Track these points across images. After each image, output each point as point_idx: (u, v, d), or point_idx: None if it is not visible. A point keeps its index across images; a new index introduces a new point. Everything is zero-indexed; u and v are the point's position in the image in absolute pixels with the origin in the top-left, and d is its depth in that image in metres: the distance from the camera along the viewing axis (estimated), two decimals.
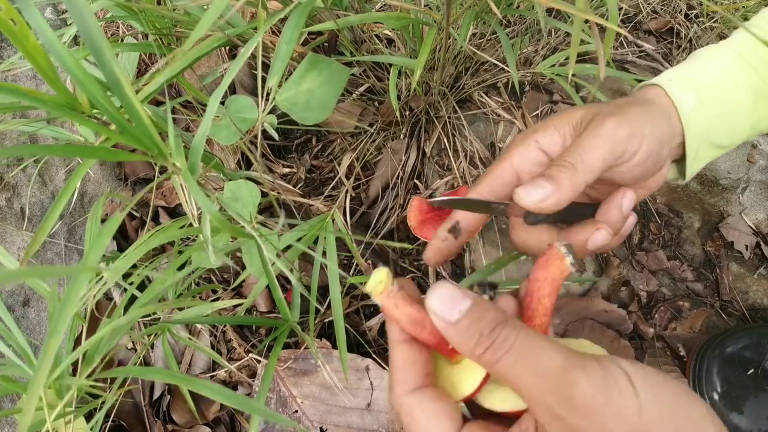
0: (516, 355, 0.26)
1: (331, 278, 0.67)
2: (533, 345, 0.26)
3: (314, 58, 0.63)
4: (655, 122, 0.40)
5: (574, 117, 0.39)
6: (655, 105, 0.43)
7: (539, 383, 0.25)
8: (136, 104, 0.33)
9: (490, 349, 0.26)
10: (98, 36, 0.29)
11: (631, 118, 0.37)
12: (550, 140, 0.39)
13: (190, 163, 0.39)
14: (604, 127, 0.36)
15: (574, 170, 0.35)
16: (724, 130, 0.46)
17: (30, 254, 0.39)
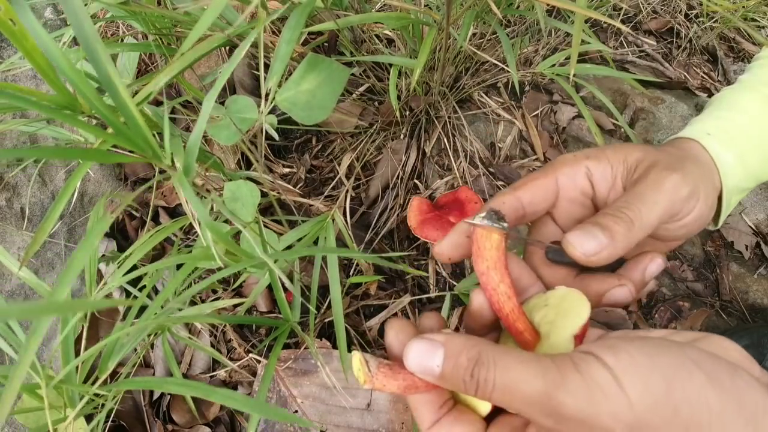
0: (501, 392, 0.26)
1: (331, 278, 0.67)
2: (511, 378, 0.26)
3: (314, 58, 0.63)
4: (708, 184, 0.39)
5: (630, 158, 0.37)
6: (702, 164, 0.42)
7: (530, 409, 0.26)
8: (130, 105, 0.33)
9: (479, 391, 0.27)
10: (93, 37, 0.29)
11: (692, 177, 0.36)
12: (601, 174, 0.37)
13: (185, 164, 0.39)
14: (667, 183, 0.34)
15: (632, 225, 0.33)
16: (758, 176, 0.46)
17: (30, 254, 0.39)
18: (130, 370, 0.70)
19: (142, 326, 0.47)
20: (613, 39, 1.20)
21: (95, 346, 0.45)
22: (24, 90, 0.38)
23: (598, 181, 0.37)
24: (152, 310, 0.53)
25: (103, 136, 0.35)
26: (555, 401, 0.25)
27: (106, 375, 0.46)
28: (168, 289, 0.54)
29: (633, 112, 1.06)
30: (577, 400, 0.24)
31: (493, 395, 0.27)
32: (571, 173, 0.37)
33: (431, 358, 0.28)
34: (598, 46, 0.84)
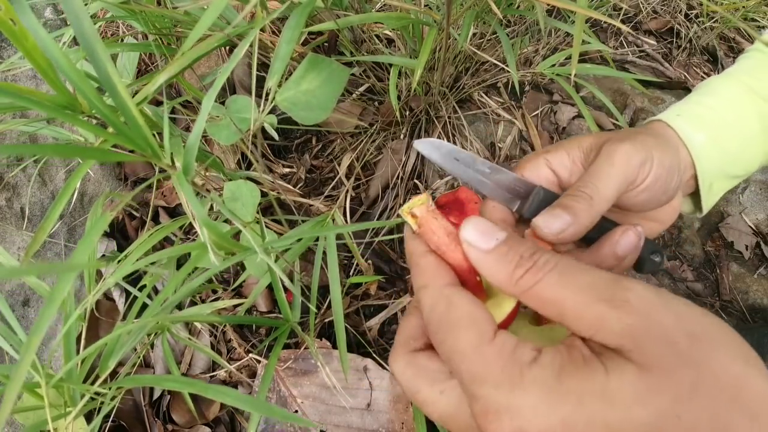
0: (561, 271, 0.24)
1: (332, 278, 0.67)
2: (578, 266, 0.24)
3: (314, 58, 0.63)
4: (664, 151, 0.40)
5: (584, 143, 0.39)
6: (664, 137, 0.43)
7: (586, 295, 0.23)
8: (129, 105, 0.33)
9: (531, 271, 0.24)
10: (93, 37, 0.29)
11: (642, 145, 0.38)
12: (559, 162, 0.39)
13: (185, 163, 0.39)
14: (618, 154, 0.36)
15: (591, 201, 0.34)
16: (738, 161, 0.46)
17: (30, 254, 0.39)
18: (130, 370, 0.70)
19: (143, 324, 0.47)
20: (613, 39, 1.20)
21: (96, 344, 0.45)
22: (24, 90, 0.38)
23: (557, 168, 0.39)
24: (152, 309, 0.53)
25: (104, 136, 0.35)
26: (625, 283, 0.23)
27: (106, 374, 0.46)
28: (168, 287, 0.54)
29: (633, 112, 1.06)
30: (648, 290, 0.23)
31: (548, 276, 0.24)
32: (533, 167, 0.39)
33: (493, 233, 0.27)
34: (598, 46, 0.84)
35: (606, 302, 0.22)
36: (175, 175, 0.37)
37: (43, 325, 0.30)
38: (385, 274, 0.92)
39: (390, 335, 0.89)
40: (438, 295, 0.27)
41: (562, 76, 0.86)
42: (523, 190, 0.38)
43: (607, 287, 0.23)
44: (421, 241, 0.30)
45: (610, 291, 0.23)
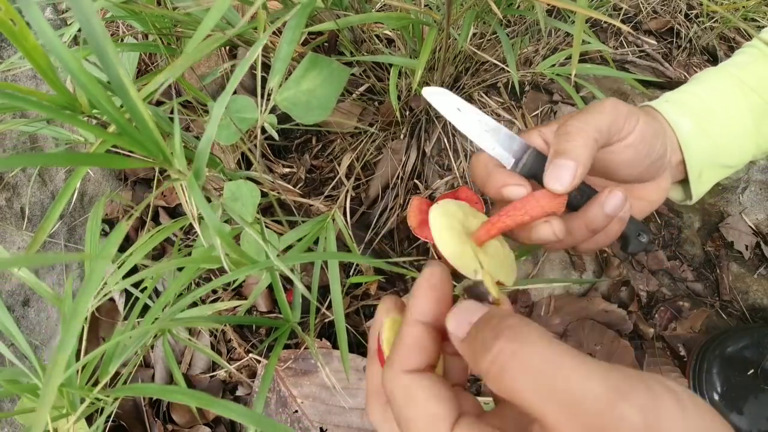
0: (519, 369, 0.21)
1: (332, 279, 0.67)
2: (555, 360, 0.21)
3: (314, 58, 0.63)
4: (651, 119, 0.41)
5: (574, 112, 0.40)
6: (651, 116, 0.43)
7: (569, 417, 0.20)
8: (140, 107, 0.33)
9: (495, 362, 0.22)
10: (103, 37, 0.29)
11: (629, 105, 0.39)
12: (549, 131, 0.40)
13: (195, 168, 0.39)
14: (606, 102, 0.37)
15: (583, 130, 0.35)
16: (728, 152, 0.46)
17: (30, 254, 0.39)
18: (131, 371, 0.70)
19: (144, 330, 0.46)
20: (613, 39, 1.20)
21: (96, 350, 0.45)
22: (24, 90, 0.38)
23: (549, 137, 0.39)
24: (153, 312, 0.53)
25: (105, 136, 0.35)
26: (616, 412, 0.19)
27: (107, 378, 0.46)
28: (169, 291, 0.54)
29: None
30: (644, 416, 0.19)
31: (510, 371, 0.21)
32: (526, 137, 0.40)
33: (465, 319, 0.25)
34: (599, 46, 0.84)
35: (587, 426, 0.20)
36: (188, 181, 0.37)
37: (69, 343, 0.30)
38: (385, 274, 0.92)
39: None
40: (397, 382, 0.26)
41: (562, 76, 0.86)
42: (518, 149, 0.39)
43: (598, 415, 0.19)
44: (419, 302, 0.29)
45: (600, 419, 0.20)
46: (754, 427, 0.76)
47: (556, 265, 0.92)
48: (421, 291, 0.29)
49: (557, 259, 0.92)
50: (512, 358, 0.21)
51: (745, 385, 0.77)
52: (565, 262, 0.92)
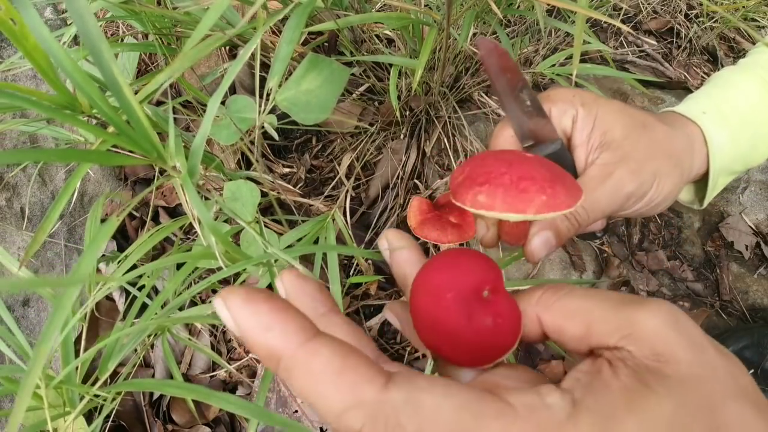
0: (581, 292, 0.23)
1: (331, 278, 0.67)
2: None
3: (314, 58, 0.63)
4: (670, 173, 0.39)
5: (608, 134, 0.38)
6: (682, 144, 0.43)
7: (612, 301, 0.21)
8: (135, 106, 0.33)
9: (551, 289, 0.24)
10: (98, 37, 0.29)
11: (647, 167, 0.37)
12: (582, 126, 0.39)
13: (190, 166, 0.39)
14: (612, 179, 0.36)
15: (577, 225, 0.36)
16: (745, 158, 0.47)
17: (30, 254, 0.39)
18: (130, 371, 0.70)
19: (143, 327, 0.46)
20: (613, 39, 1.20)
21: (95, 347, 0.45)
22: (24, 90, 0.38)
23: (578, 129, 0.39)
24: (152, 309, 0.53)
25: (104, 136, 0.35)
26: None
27: (106, 376, 0.46)
28: (168, 288, 0.54)
29: None
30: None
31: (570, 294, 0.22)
32: (563, 109, 0.39)
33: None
34: (599, 46, 0.84)
35: (632, 304, 0.21)
36: (182, 179, 0.37)
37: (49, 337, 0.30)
38: (385, 274, 0.92)
39: (390, 335, 0.89)
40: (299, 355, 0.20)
41: (563, 76, 0.86)
42: (543, 135, 0.38)
43: (627, 297, 0.22)
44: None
45: (630, 298, 0.21)
46: None
47: (556, 265, 0.92)
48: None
49: (557, 260, 0.92)
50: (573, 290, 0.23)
51: None
52: (565, 263, 0.92)
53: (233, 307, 0.18)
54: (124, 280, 0.47)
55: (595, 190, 0.36)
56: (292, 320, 0.18)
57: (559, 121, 0.39)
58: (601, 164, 0.37)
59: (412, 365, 0.86)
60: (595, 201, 0.36)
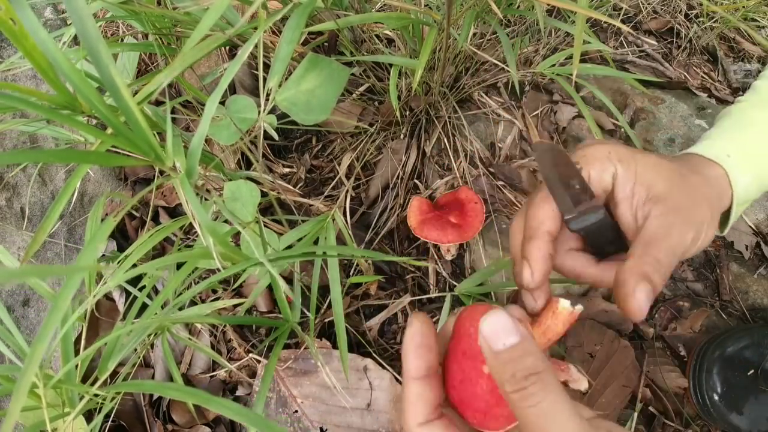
0: (538, 415, 0.27)
1: (332, 278, 0.67)
2: (556, 415, 0.27)
3: (314, 58, 0.63)
4: (714, 213, 0.41)
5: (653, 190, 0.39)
6: (713, 188, 0.44)
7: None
8: (132, 107, 0.33)
9: (518, 394, 0.28)
10: (96, 38, 0.29)
11: (696, 216, 0.39)
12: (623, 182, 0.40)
13: (188, 167, 0.39)
14: (674, 233, 0.37)
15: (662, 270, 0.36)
16: (763, 189, 0.48)
17: (30, 254, 0.39)
18: (130, 370, 0.70)
19: (143, 326, 0.46)
20: (613, 39, 1.20)
21: (94, 345, 0.45)
22: (24, 90, 0.38)
23: (620, 186, 0.40)
24: (153, 309, 0.53)
25: (102, 137, 0.35)
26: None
27: (106, 375, 0.46)
28: (168, 288, 0.54)
29: (633, 112, 1.06)
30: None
31: (528, 411, 0.27)
32: (600, 169, 0.40)
33: (504, 335, 0.29)
34: (599, 46, 0.84)
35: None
36: (179, 179, 0.37)
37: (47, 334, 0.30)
38: (385, 274, 0.92)
39: (390, 335, 0.89)
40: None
41: (563, 76, 0.86)
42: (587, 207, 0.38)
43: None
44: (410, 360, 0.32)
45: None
46: (754, 427, 0.76)
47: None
48: (410, 352, 0.33)
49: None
50: (532, 401, 0.27)
51: (745, 385, 0.77)
52: None
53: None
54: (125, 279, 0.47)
55: (664, 242, 0.37)
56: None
57: (600, 181, 0.40)
58: (658, 217, 0.38)
59: None
60: (669, 252, 0.36)
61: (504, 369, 0.29)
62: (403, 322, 0.90)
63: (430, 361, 0.32)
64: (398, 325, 0.90)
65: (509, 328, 0.30)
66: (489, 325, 0.30)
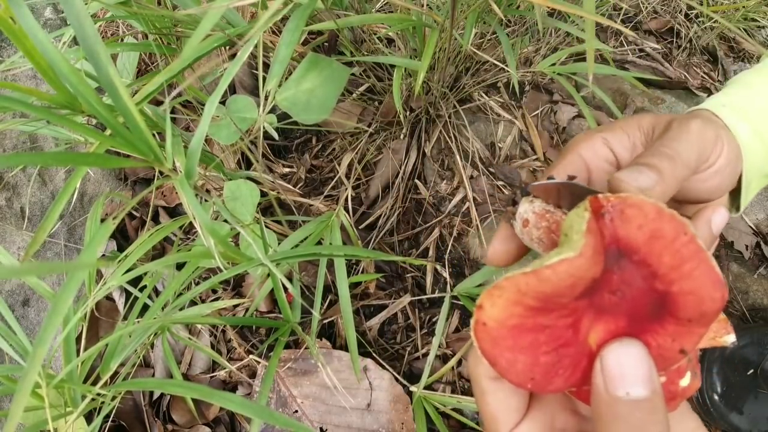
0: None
1: (339, 278, 0.67)
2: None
3: (314, 57, 0.63)
4: (728, 133, 0.38)
5: (643, 122, 0.36)
6: (718, 123, 0.40)
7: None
8: (131, 108, 0.33)
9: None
10: (94, 38, 0.29)
11: (712, 123, 0.36)
12: (618, 141, 0.36)
13: (187, 167, 0.39)
14: (692, 126, 0.33)
15: (674, 162, 0.31)
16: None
17: (30, 254, 0.39)
18: (130, 370, 0.70)
19: (146, 326, 0.46)
20: (613, 39, 1.20)
21: (96, 345, 0.45)
22: (24, 89, 0.38)
23: (617, 149, 0.36)
24: (154, 310, 0.53)
25: (101, 139, 0.35)
26: None
27: (108, 375, 0.46)
28: (169, 289, 0.54)
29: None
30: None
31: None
32: (590, 146, 0.36)
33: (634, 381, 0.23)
34: (599, 46, 0.84)
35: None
36: (178, 180, 0.37)
37: (48, 335, 0.30)
38: (384, 272, 0.92)
39: (390, 335, 0.89)
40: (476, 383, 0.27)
41: (563, 75, 0.86)
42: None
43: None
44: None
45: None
46: (754, 427, 0.76)
47: None
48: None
49: None
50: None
51: (745, 385, 0.77)
52: None
53: None
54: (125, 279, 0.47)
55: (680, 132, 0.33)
56: None
57: (596, 154, 0.36)
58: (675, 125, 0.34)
59: (411, 365, 0.87)
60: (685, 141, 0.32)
61: (615, 424, 0.22)
62: (402, 322, 0.90)
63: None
64: (398, 325, 0.90)
65: (640, 375, 0.23)
66: (616, 358, 0.23)
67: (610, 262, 0.23)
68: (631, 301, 0.23)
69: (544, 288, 0.22)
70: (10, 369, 0.52)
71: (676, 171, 0.31)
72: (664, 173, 0.30)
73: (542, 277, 0.21)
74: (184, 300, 0.54)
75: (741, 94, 0.45)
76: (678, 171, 0.31)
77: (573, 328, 0.24)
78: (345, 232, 0.80)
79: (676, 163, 0.31)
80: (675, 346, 0.23)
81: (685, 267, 0.21)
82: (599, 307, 0.24)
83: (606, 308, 0.24)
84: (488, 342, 0.23)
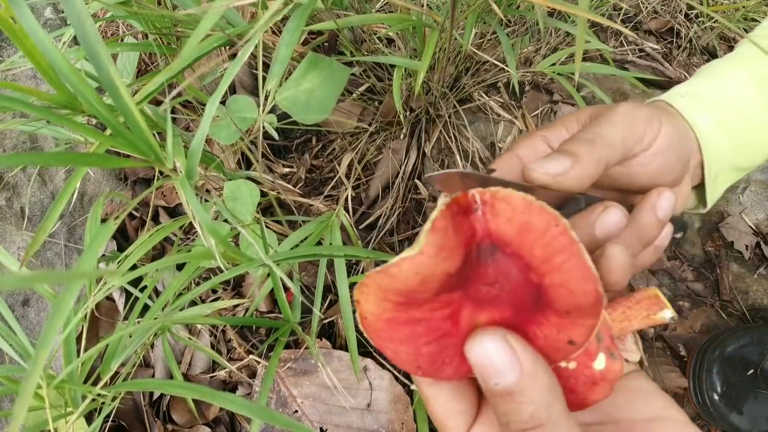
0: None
1: (340, 279, 0.67)
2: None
3: (314, 57, 0.63)
4: (672, 117, 0.37)
5: (581, 115, 0.36)
6: (666, 111, 0.39)
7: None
8: (132, 109, 0.33)
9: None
10: (94, 38, 0.29)
11: (646, 107, 0.35)
12: (557, 137, 0.36)
13: (188, 168, 0.39)
14: (620, 108, 0.33)
15: (593, 143, 0.30)
16: (746, 150, 0.43)
17: (30, 254, 0.39)
18: (130, 370, 0.70)
19: (146, 326, 0.46)
20: (613, 39, 1.20)
21: (96, 346, 0.45)
22: (24, 89, 0.38)
23: (556, 144, 0.36)
24: (154, 310, 0.53)
25: (101, 139, 0.35)
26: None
27: (108, 375, 0.46)
28: (169, 289, 0.54)
29: None
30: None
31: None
32: (528, 144, 0.36)
33: (501, 370, 0.23)
34: (598, 46, 0.84)
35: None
36: (179, 181, 0.37)
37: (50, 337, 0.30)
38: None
39: None
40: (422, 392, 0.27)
41: (563, 75, 0.86)
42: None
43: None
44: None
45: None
46: (754, 427, 0.76)
47: None
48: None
49: None
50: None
51: (745, 385, 0.77)
52: None
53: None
54: (126, 280, 0.47)
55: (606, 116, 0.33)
56: None
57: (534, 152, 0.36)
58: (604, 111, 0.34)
59: None
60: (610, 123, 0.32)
61: (498, 413, 0.23)
62: None
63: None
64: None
65: (506, 363, 0.22)
66: (481, 351, 0.23)
67: (484, 255, 0.23)
68: (512, 293, 0.23)
69: (395, 285, 0.22)
70: (10, 369, 0.52)
71: (596, 152, 0.30)
72: (581, 156, 0.30)
73: (390, 274, 0.22)
74: (184, 300, 0.54)
75: (706, 83, 0.44)
76: (598, 152, 0.30)
77: (451, 320, 0.24)
78: (345, 232, 0.80)
79: (595, 144, 0.31)
80: (562, 337, 0.23)
81: (555, 260, 0.21)
82: (476, 299, 0.24)
83: (486, 300, 0.24)
84: (372, 334, 0.24)
